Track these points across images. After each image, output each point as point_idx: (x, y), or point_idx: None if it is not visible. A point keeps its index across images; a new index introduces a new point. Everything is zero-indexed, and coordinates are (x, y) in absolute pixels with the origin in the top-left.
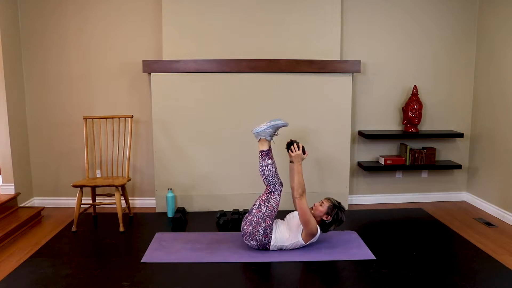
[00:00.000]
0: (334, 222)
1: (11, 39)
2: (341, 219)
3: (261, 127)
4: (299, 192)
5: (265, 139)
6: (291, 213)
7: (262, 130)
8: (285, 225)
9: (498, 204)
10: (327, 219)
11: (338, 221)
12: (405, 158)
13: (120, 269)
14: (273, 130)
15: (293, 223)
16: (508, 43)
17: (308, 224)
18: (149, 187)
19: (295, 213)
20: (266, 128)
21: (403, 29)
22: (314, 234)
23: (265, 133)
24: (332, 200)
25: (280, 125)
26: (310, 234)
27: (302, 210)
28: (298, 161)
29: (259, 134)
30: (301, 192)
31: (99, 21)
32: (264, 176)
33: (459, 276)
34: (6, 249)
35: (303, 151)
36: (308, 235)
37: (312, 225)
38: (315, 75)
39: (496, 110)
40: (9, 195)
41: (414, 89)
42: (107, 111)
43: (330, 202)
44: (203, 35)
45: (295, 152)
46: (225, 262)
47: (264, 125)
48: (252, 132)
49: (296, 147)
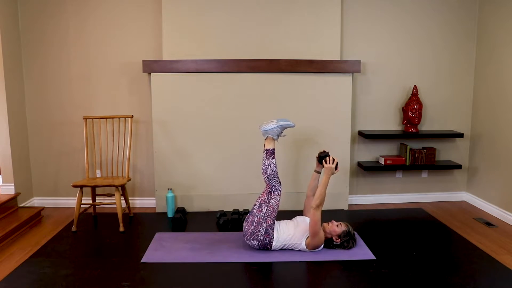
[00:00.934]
0: (340, 246)
1: (11, 39)
2: (348, 247)
3: (269, 125)
4: (316, 203)
5: (271, 138)
6: (303, 216)
7: (270, 129)
8: (293, 224)
9: (498, 204)
10: (336, 241)
11: (345, 248)
12: (405, 158)
13: (120, 269)
14: (281, 130)
15: (302, 226)
16: (508, 43)
17: (316, 235)
18: (149, 187)
19: (308, 219)
20: (274, 127)
21: (403, 29)
22: (317, 247)
23: (273, 132)
24: (350, 228)
25: (288, 125)
26: (315, 245)
27: (314, 221)
28: (328, 174)
29: (267, 133)
30: (319, 204)
31: (99, 21)
32: (266, 175)
33: (459, 276)
34: (6, 249)
35: (336, 167)
36: (311, 245)
37: (320, 237)
38: (315, 75)
39: (496, 110)
40: (9, 195)
41: (414, 89)
42: (107, 111)
43: (347, 228)
44: (203, 35)
45: (329, 165)
46: (225, 262)
47: (273, 124)
48: (259, 129)
49: (331, 160)
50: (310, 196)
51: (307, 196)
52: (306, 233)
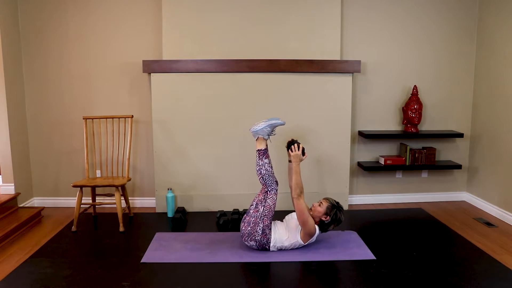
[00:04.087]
0: (333, 222)
1: (11, 39)
2: (339, 218)
3: (259, 126)
4: (297, 192)
5: (262, 138)
6: (290, 214)
7: (260, 129)
8: (284, 226)
9: (498, 204)
10: (326, 220)
11: (337, 221)
12: (405, 158)
13: (120, 269)
14: (270, 129)
15: (292, 224)
16: (508, 43)
17: (306, 224)
18: (149, 187)
19: (294, 214)
20: (264, 127)
21: (403, 29)
22: (312, 234)
23: (263, 132)
24: (331, 200)
25: (278, 124)
26: (308, 234)
27: (300, 210)
28: (297, 161)
29: (257, 133)
30: (299, 192)
31: (99, 21)
32: (261, 175)
33: (459, 276)
34: (6, 249)
35: (303, 152)
36: (306, 235)
37: (310, 225)
38: (315, 75)
39: (496, 110)
40: (9, 195)
41: (414, 89)
42: (107, 111)
43: (329, 202)
44: (203, 35)
45: (294, 152)
46: (225, 262)
47: (262, 124)
48: (250, 131)
49: (296, 147)
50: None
51: (290, 188)
52: (298, 227)
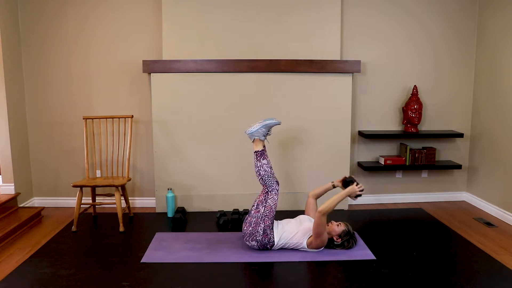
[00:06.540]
0: (341, 246)
1: (11, 39)
2: (349, 246)
3: (253, 127)
4: (325, 210)
5: (259, 139)
6: (307, 216)
7: (255, 130)
8: (295, 223)
9: (498, 204)
10: (337, 241)
11: (346, 247)
12: (405, 158)
13: (120, 269)
14: (266, 130)
15: (306, 226)
16: (508, 43)
17: (319, 237)
18: (149, 187)
19: (311, 219)
20: (259, 128)
21: (403, 29)
22: (319, 248)
23: (258, 133)
24: (349, 227)
25: (273, 124)
26: (316, 246)
27: (319, 224)
28: (349, 191)
29: (253, 135)
30: (326, 211)
31: (99, 21)
32: (260, 176)
33: (459, 276)
34: (6, 249)
35: (359, 194)
36: (313, 245)
37: (323, 240)
38: (315, 75)
39: (496, 110)
40: (9, 195)
41: (414, 89)
42: (107, 111)
43: (346, 228)
44: (203, 35)
45: (355, 187)
46: (225, 262)
47: (257, 125)
48: (245, 133)
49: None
50: (311, 197)
51: (309, 197)
52: (309, 232)
